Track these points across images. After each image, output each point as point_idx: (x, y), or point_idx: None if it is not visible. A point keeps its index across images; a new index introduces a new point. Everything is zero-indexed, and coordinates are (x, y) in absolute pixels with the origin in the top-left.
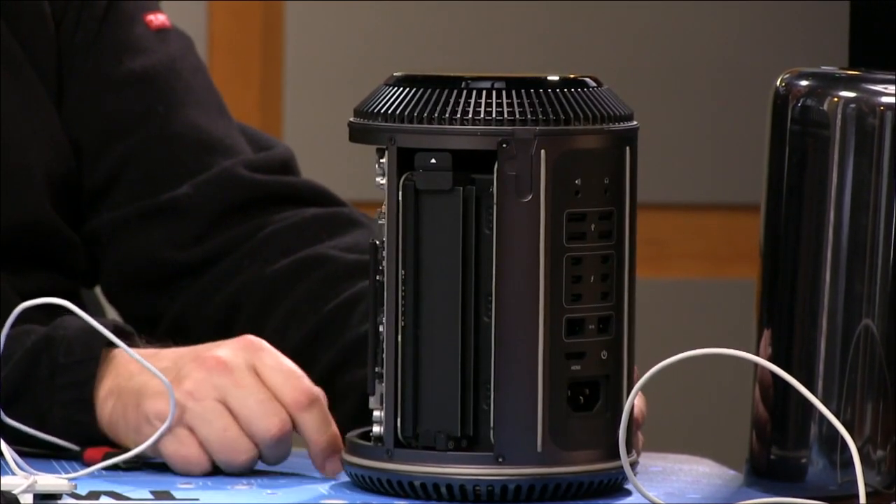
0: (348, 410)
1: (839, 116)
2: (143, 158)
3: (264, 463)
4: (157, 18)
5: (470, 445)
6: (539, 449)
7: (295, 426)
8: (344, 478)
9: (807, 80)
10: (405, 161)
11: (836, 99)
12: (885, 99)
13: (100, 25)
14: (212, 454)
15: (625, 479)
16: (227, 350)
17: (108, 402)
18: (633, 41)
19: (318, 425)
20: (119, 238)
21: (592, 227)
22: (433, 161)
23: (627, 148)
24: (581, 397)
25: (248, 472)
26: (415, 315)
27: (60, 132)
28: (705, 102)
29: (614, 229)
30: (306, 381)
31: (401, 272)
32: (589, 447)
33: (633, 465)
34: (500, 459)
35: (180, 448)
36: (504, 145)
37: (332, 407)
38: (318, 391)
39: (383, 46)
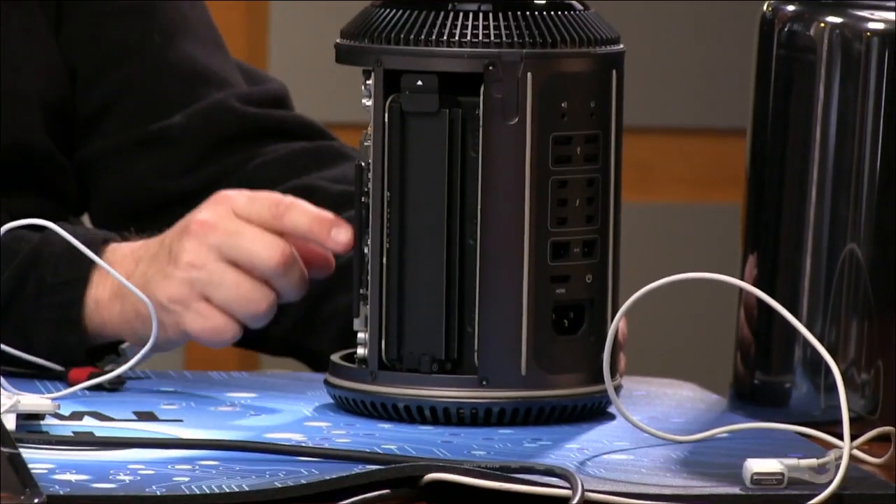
0: (331, 337)
1: (825, 42)
2: (137, 87)
3: (286, 301)
4: None
5: (454, 368)
6: (523, 372)
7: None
8: (327, 399)
9: (793, 5)
10: (391, 83)
11: (822, 24)
12: (871, 25)
13: None
14: (235, 315)
15: (608, 402)
16: (204, 211)
17: (114, 307)
18: None
19: (304, 214)
20: (110, 167)
21: (578, 150)
22: (419, 83)
23: (614, 71)
24: (565, 321)
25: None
26: (399, 237)
27: (57, 58)
28: (692, 26)
29: (600, 153)
30: (275, 194)
31: (386, 194)
32: (573, 371)
33: (617, 388)
34: (484, 382)
35: (206, 321)
36: (490, 68)
37: (316, 334)
38: (291, 199)
39: None
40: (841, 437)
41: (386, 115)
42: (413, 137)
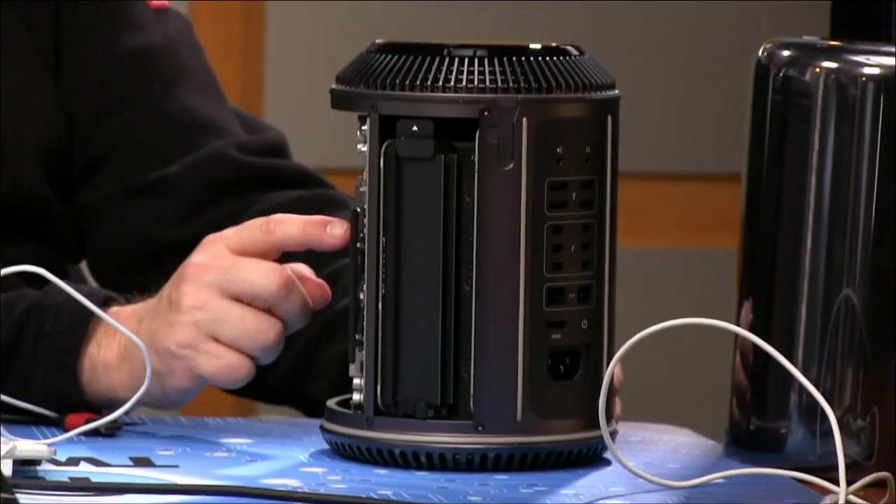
0: (328, 384)
1: (821, 87)
2: (135, 135)
3: (292, 329)
4: None
5: (450, 414)
6: (519, 418)
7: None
8: (323, 445)
9: (789, 50)
10: (387, 128)
11: (817, 69)
12: (866, 69)
13: (100, 2)
14: (245, 350)
15: (604, 448)
16: (198, 254)
17: (123, 369)
18: (615, 9)
19: (295, 222)
20: (108, 215)
21: (573, 195)
22: (415, 128)
23: (609, 116)
24: (561, 366)
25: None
26: (395, 283)
27: (56, 106)
28: (687, 71)
29: (595, 198)
30: (261, 218)
31: (381, 240)
32: (569, 416)
33: (612, 434)
34: (480, 428)
35: (218, 361)
36: (486, 113)
37: (312, 381)
38: (280, 216)
39: (366, 12)
40: (837, 483)
41: (381, 160)
42: (408, 183)
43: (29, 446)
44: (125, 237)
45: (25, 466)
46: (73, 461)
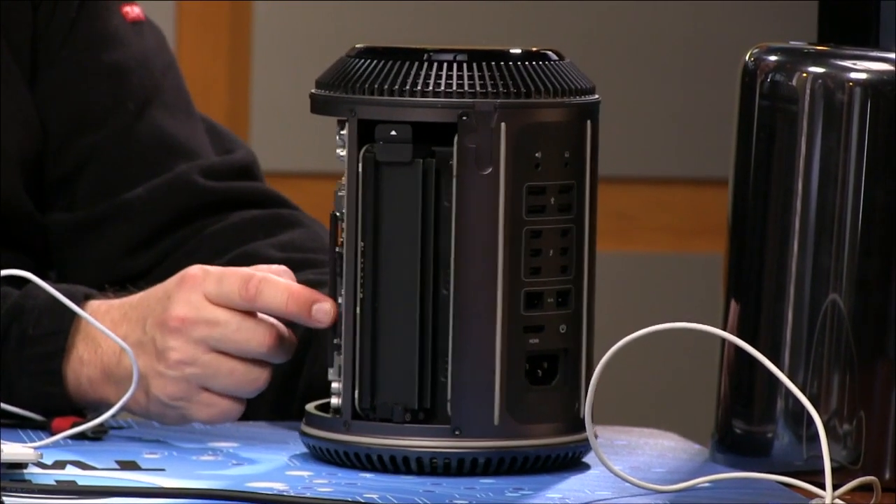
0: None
1: (808, 92)
2: (105, 156)
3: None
4: (133, 10)
5: (427, 418)
6: (496, 422)
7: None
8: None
9: (776, 55)
10: (365, 133)
11: (804, 74)
12: (853, 75)
13: (77, 12)
14: (236, 396)
15: (584, 452)
16: (179, 304)
17: (108, 389)
18: (604, 14)
19: (278, 294)
20: (73, 244)
21: (552, 200)
22: (393, 133)
23: (588, 121)
24: (539, 371)
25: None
26: (373, 287)
27: (34, 113)
28: (674, 76)
29: (574, 203)
30: (243, 273)
31: (360, 244)
32: (547, 420)
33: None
34: (458, 432)
35: (211, 409)
36: (464, 118)
37: (297, 403)
38: (261, 276)
39: (354, 17)
40: (823, 487)
41: (360, 164)
42: (387, 187)
43: (15, 449)
44: (90, 267)
45: (11, 470)
46: (60, 464)
